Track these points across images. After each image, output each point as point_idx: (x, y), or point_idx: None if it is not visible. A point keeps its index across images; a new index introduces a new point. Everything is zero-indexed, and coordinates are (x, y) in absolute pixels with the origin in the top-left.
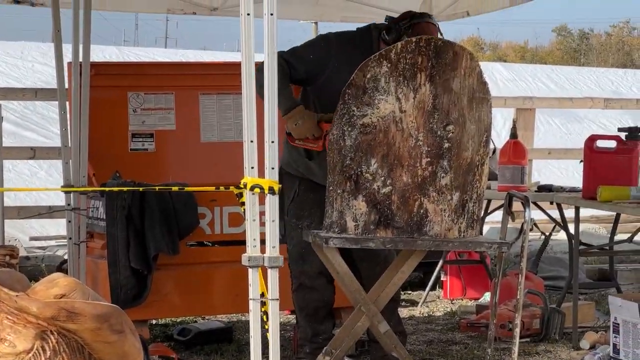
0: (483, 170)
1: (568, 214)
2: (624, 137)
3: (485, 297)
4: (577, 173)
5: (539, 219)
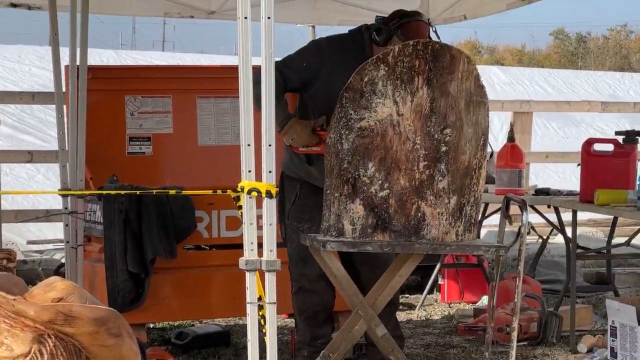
0: (480, 174)
1: (565, 218)
2: (621, 140)
3: (483, 300)
4: (574, 176)
5: (537, 223)
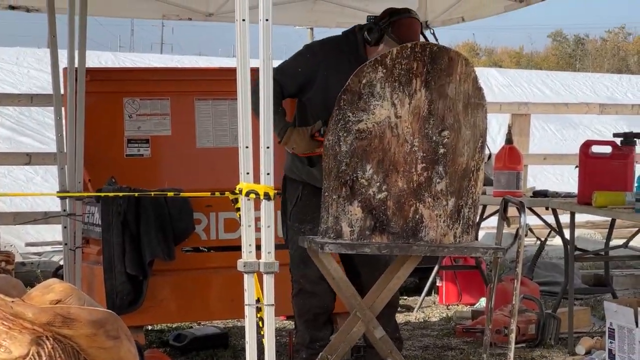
0: (478, 176)
1: (563, 220)
2: (619, 142)
3: (481, 302)
4: (572, 179)
5: (535, 225)
